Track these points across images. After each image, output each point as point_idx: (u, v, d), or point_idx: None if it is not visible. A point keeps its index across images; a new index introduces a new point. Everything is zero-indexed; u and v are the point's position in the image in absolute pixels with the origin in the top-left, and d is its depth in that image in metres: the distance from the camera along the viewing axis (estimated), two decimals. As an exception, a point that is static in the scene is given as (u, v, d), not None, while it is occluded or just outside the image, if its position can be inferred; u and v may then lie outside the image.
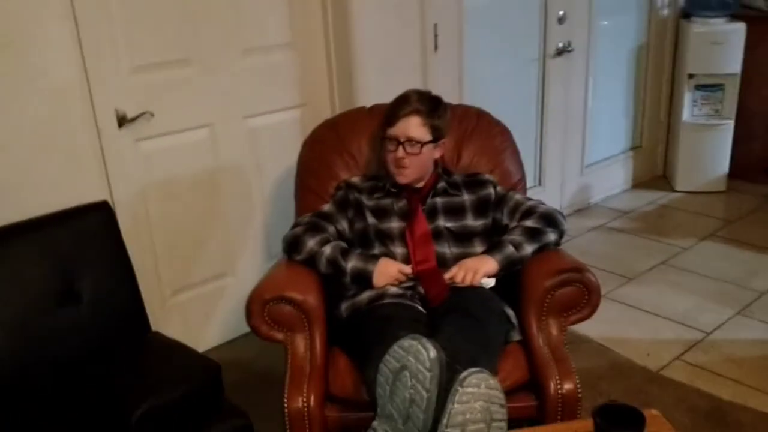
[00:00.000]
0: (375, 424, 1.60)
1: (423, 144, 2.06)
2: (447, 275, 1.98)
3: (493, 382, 1.51)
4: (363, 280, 1.98)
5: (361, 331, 1.87)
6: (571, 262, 1.96)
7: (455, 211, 2.11)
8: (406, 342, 1.56)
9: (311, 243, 2.03)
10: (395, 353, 1.57)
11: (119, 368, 1.86)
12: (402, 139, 2.04)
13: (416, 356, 1.53)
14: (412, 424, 1.53)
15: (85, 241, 2.02)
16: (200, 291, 2.77)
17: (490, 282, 1.97)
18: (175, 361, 1.89)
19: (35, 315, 1.89)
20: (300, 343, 1.90)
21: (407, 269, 1.99)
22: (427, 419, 1.52)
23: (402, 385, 1.54)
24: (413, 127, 2.05)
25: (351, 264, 1.98)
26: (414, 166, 2.06)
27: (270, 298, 1.87)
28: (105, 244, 2.05)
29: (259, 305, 1.87)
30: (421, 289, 1.98)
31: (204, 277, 2.76)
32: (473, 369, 1.51)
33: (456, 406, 1.46)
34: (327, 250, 2.00)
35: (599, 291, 1.91)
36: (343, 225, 2.13)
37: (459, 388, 1.48)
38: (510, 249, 1.98)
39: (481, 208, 2.13)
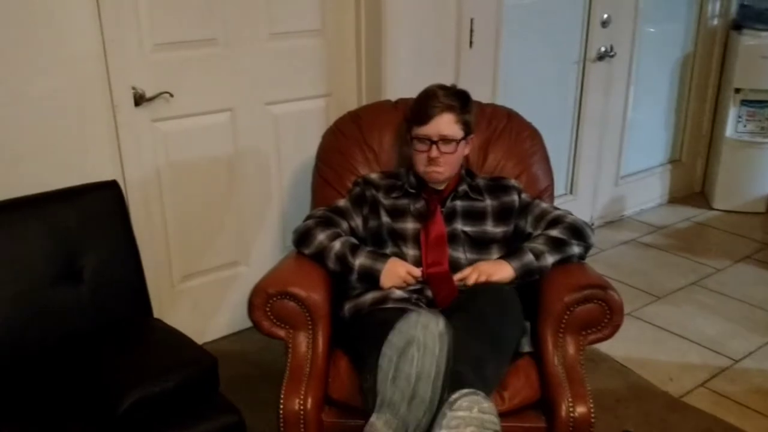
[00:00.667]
0: (373, 418, 1.49)
1: (458, 141, 1.96)
2: (458, 275, 1.89)
3: (486, 405, 1.41)
4: (370, 278, 1.89)
5: (359, 335, 1.78)
6: (594, 278, 1.85)
7: (475, 216, 2.01)
8: (413, 315, 1.48)
9: (321, 237, 1.95)
10: (401, 328, 1.48)
11: (113, 353, 1.79)
12: (435, 138, 1.94)
13: (425, 328, 1.45)
14: (419, 401, 1.43)
15: (91, 220, 1.95)
16: (211, 278, 2.70)
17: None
18: (171, 351, 1.81)
19: (35, 292, 1.83)
20: (302, 341, 1.81)
21: (416, 272, 1.89)
22: (434, 397, 1.43)
23: (407, 362, 1.45)
24: (446, 124, 1.95)
25: (359, 261, 1.90)
26: (448, 165, 1.97)
27: (274, 293, 1.79)
28: (111, 224, 1.99)
29: (262, 299, 1.79)
30: (429, 293, 1.88)
31: (216, 264, 2.70)
32: (466, 390, 1.41)
33: (444, 431, 1.36)
34: (336, 245, 1.92)
35: (622, 311, 1.79)
36: (357, 222, 2.04)
37: (448, 411, 1.38)
38: (529, 257, 1.88)
39: (503, 214, 2.02)
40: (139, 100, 2.29)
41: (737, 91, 3.94)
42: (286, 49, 2.61)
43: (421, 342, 1.44)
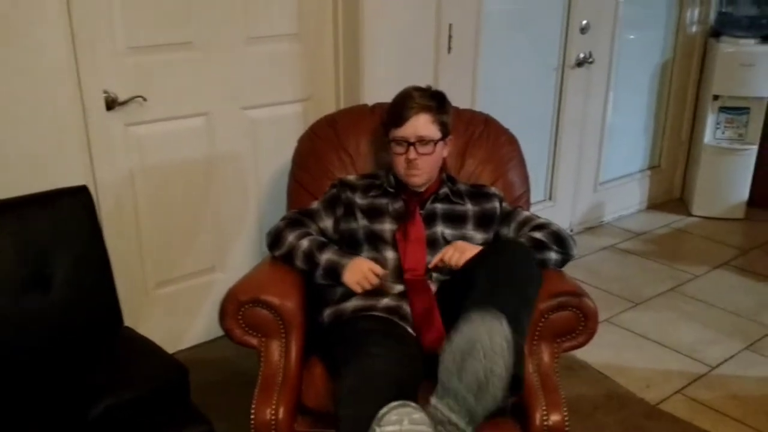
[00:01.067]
0: (434, 400, 1.46)
1: (435, 142, 1.95)
2: (437, 257, 1.87)
3: (418, 416, 1.39)
4: (334, 274, 1.86)
5: (339, 341, 1.75)
6: (569, 286, 1.83)
7: (456, 220, 1.99)
8: (476, 317, 1.46)
9: (291, 237, 1.93)
10: (463, 330, 1.46)
11: (81, 363, 1.76)
12: (413, 140, 1.92)
13: (490, 330, 1.43)
14: (489, 396, 1.42)
15: (61, 226, 1.90)
16: (187, 285, 2.67)
17: None
18: (140, 361, 1.78)
19: (2, 298, 1.78)
20: (274, 350, 1.79)
21: (379, 270, 1.86)
22: (502, 395, 1.44)
23: (475, 361, 1.43)
24: (423, 125, 1.93)
25: (326, 257, 1.87)
26: (426, 166, 1.95)
27: (246, 300, 1.76)
28: (81, 230, 1.93)
29: (234, 306, 1.76)
30: (407, 308, 1.83)
31: (192, 270, 2.66)
32: (394, 403, 1.40)
33: None
34: (304, 243, 1.90)
35: (597, 318, 1.78)
36: (327, 223, 2.02)
37: (377, 428, 1.38)
38: None
39: (484, 220, 2.00)
40: (112, 104, 2.26)
41: (716, 98, 3.96)
42: (263, 53, 2.59)
43: (487, 344, 1.42)
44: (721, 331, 2.92)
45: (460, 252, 1.83)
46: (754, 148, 3.97)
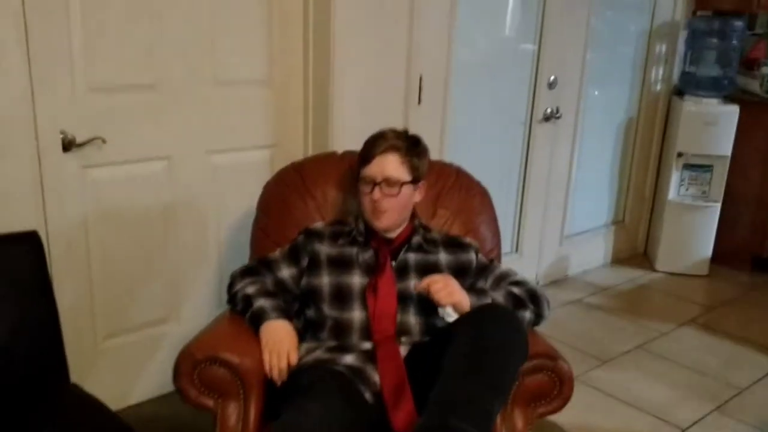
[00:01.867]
0: None
1: (402, 184, 1.86)
2: (424, 282, 1.77)
3: None
4: (257, 323, 1.77)
5: (281, 393, 1.65)
6: (543, 347, 1.76)
7: (429, 271, 1.87)
8: None
9: (239, 285, 1.88)
10: None
11: (21, 423, 1.61)
12: (379, 179, 1.84)
13: None
14: None
15: (5, 274, 1.78)
16: (138, 336, 2.52)
17: (453, 315, 1.76)
18: (84, 422, 1.64)
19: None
20: (231, 413, 1.67)
21: (293, 359, 1.71)
22: None
23: None
24: (391, 165, 1.85)
25: (259, 303, 1.80)
26: (392, 210, 1.86)
27: (202, 359, 1.65)
28: (27, 279, 1.81)
29: (189, 366, 1.66)
30: (371, 371, 1.71)
31: (143, 321, 2.52)
32: None
33: None
34: (249, 289, 1.85)
35: (572, 383, 1.72)
36: (285, 274, 1.92)
37: None
38: (488, 301, 1.79)
39: (459, 271, 1.90)
40: (69, 145, 2.15)
41: (680, 155, 4.00)
42: (230, 97, 2.52)
43: None
44: (690, 392, 2.87)
45: (448, 292, 1.74)
46: (717, 205, 4.00)
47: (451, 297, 1.74)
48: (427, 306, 1.81)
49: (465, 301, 1.76)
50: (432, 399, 1.48)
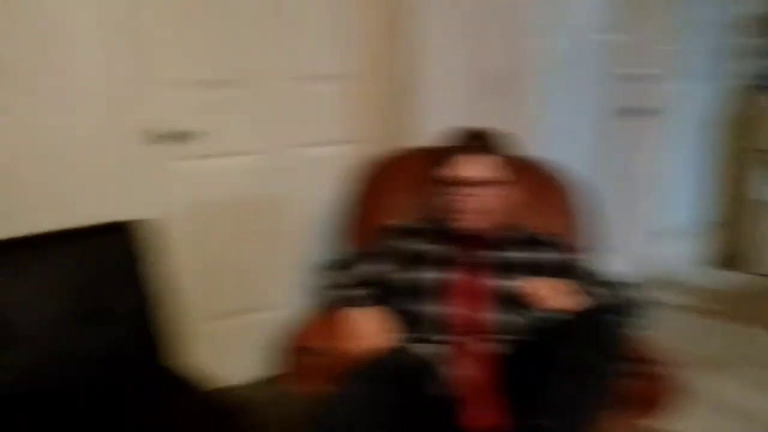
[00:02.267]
0: None
1: (486, 185, 1.82)
2: (529, 285, 1.74)
3: None
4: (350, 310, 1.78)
5: None
6: (644, 352, 1.70)
7: (509, 269, 1.82)
8: None
9: (337, 281, 1.89)
10: None
11: (117, 403, 1.68)
12: (462, 180, 1.81)
13: None
14: None
15: (110, 261, 1.88)
16: (231, 323, 2.60)
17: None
18: (181, 402, 1.69)
19: (53, 331, 1.76)
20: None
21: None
22: None
23: None
24: (474, 166, 1.82)
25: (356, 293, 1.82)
26: (476, 211, 1.82)
27: (306, 346, 1.70)
28: (127, 265, 1.90)
29: (293, 353, 1.70)
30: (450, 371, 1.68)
31: (234, 308, 2.60)
32: None
33: None
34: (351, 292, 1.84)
35: (674, 389, 1.64)
36: (367, 269, 1.90)
37: None
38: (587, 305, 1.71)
39: (561, 272, 1.83)
40: (160, 138, 2.25)
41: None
42: (314, 93, 2.56)
43: None
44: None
45: (552, 297, 1.70)
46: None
47: (555, 303, 1.70)
48: (520, 305, 1.76)
49: (566, 306, 1.70)
50: (531, 404, 1.46)
